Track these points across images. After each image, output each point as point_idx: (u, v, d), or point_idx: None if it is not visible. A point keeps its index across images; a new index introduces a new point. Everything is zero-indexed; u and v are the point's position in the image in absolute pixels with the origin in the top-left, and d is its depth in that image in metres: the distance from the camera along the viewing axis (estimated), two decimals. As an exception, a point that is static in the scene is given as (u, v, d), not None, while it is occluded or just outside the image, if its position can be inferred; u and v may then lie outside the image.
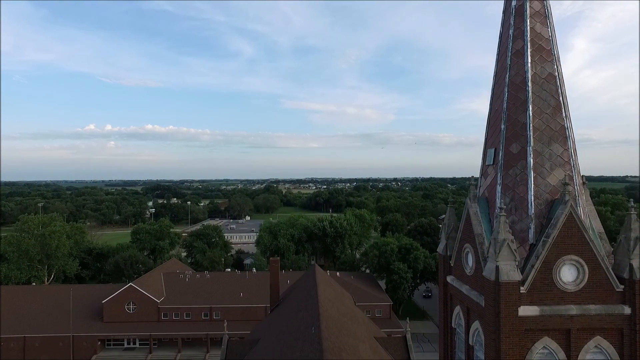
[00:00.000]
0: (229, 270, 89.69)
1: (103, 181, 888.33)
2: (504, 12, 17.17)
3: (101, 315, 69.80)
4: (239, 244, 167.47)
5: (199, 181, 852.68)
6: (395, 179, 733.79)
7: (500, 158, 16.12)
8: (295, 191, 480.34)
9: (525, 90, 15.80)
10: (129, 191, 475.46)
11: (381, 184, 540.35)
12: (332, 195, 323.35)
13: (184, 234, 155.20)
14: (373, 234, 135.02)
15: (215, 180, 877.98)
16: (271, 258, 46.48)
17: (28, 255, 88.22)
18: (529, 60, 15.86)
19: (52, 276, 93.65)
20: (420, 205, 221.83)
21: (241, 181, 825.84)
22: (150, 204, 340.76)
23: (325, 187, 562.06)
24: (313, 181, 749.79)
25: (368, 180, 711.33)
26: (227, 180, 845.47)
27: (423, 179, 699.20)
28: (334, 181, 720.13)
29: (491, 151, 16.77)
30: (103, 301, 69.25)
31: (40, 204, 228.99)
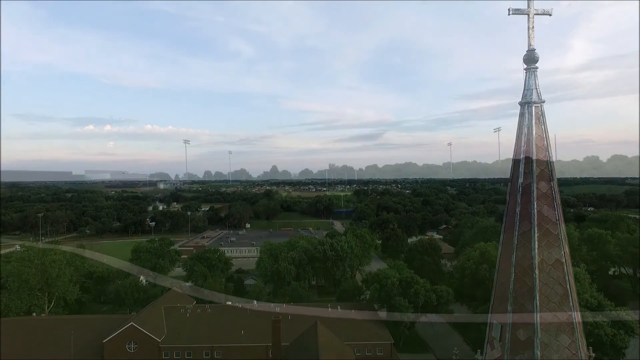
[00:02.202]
0: (229, 303, 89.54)
1: (103, 182, 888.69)
2: (510, 183, 16.96)
3: (102, 353, 69.69)
4: (239, 258, 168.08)
5: (198, 182, 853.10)
6: (395, 181, 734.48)
7: (507, 341, 15.96)
8: (295, 194, 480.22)
9: (532, 276, 15.61)
10: (129, 194, 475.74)
11: (381, 187, 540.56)
12: (332, 202, 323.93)
13: (184, 249, 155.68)
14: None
15: (215, 181, 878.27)
16: (273, 318, 46.84)
17: (28, 285, 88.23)
18: (536, 246, 15.66)
19: (52, 303, 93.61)
20: (420, 216, 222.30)
21: (241, 182, 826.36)
22: (150, 209, 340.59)
23: (325, 189, 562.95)
24: (313, 183, 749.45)
25: (368, 182, 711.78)
26: (226, 182, 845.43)
27: (423, 181, 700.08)
28: (334, 182, 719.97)
29: (498, 325, 16.60)
30: (104, 340, 69.11)
31: (40, 215, 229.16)
